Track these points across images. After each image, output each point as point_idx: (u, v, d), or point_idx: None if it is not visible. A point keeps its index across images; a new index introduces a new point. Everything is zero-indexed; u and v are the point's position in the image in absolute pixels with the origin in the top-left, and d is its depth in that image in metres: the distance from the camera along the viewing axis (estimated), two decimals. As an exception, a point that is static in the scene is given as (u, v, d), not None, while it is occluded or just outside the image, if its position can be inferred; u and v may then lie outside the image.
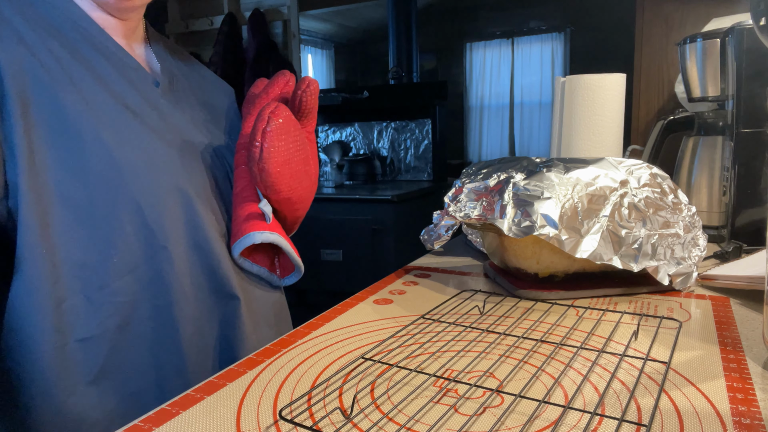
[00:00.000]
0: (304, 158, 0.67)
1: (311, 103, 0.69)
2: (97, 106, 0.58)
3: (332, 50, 3.06)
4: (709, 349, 0.53)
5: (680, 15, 1.51)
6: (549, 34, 2.56)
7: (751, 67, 0.87)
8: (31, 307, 0.54)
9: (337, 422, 0.41)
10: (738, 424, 0.40)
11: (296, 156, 0.65)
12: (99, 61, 0.61)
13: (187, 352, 0.61)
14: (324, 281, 2.26)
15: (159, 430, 0.40)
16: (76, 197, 0.55)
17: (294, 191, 0.67)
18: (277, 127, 0.62)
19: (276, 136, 0.62)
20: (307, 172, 0.69)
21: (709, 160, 1.03)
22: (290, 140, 0.64)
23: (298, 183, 0.67)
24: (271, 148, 0.62)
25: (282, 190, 0.65)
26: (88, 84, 0.58)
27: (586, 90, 0.95)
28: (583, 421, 0.40)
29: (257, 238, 0.63)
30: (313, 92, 0.68)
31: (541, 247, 0.68)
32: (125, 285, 0.57)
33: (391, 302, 0.69)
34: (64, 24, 0.60)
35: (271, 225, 0.65)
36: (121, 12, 0.64)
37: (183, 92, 0.72)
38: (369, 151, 2.86)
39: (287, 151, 0.64)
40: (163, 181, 0.60)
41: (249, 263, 0.68)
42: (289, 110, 0.64)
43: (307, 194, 0.72)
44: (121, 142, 0.58)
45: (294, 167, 0.65)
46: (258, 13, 2.76)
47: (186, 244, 0.61)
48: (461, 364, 0.50)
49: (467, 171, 0.77)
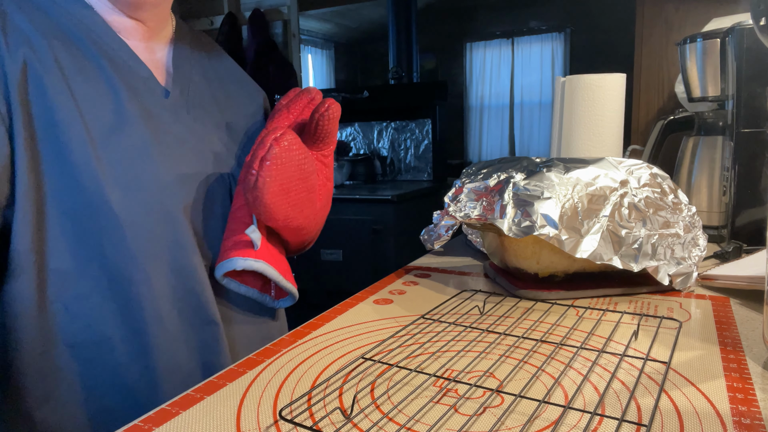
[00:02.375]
0: (308, 187, 0.64)
1: (328, 127, 0.66)
2: (92, 119, 0.56)
3: (332, 50, 3.06)
4: (709, 349, 0.53)
5: (680, 15, 1.51)
6: (549, 34, 2.56)
7: (751, 67, 0.87)
8: (18, 311, 0.54)
9: (337, 422, 0.41)
10: (738, 424, 0.40)
11: (298, 185, 0.62)
12: (104, 69, 0.59)
13: (161, 376, 0.59)
14: (324, 281, 2.26)
15: (159, 430, 0.40)
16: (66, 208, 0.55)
17: (293, 220, 0.64)
18: (276, 157, 0.58)
19: (274, 166, 0.58)
20: (311, 200, 0.66)
21: (709, 160, 1.03)
22: (292, 169, 0.60)
23: (298, 212, 0.64)
24: (267, 178, 0.58)
25: (278, 219, 0.62)
26: (87, 94, 0.57)
27: (586, 90, 0.95)
28: (583, 421, 0.40)
29: (239, 265, 0.60)
30: (331, 117, 0.65)
31: (541, 247, 0.68)
32: (102, 300, 0.56)
33: (391, 302, 0.69)
34: (75, 30, 0.59)
35: (258, 252, 0.62)
36: (135, 11, 0.63)
37: (198, 100, 0.68)
38: (369, 151, 2.86)
39: (287, 180, 0.60)
40: (146, 200, 0.58)
41: (236, 284, 0.64)
42: (296, 137, 0.61)
43: (309, 222, 0.69)
44: (109, 158, 0.56)
45: (294, 197, 0.62)
46: (258, 13, 2.76)
47: (168, 267, 0.59)
48: (461, 364, 0.50)
49: (467, 171, 0.77)
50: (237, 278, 0.64)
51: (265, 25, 2.77)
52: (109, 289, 0.56)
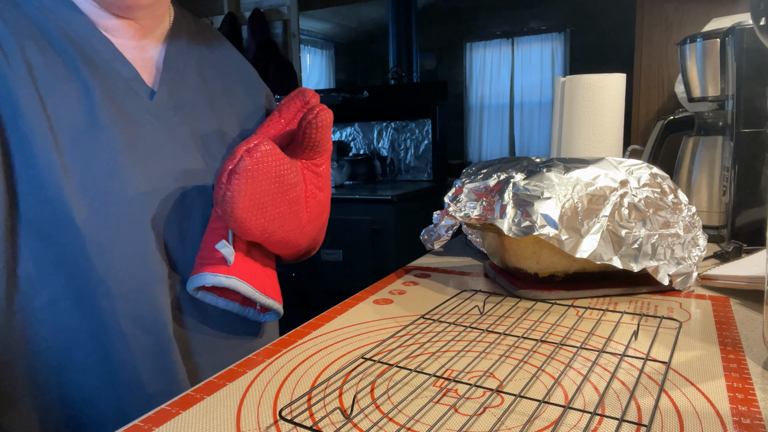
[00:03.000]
0: (290, 199, 0.60)
1: (317, 136, 0.61)
2: (60, 124, 0.53)
3: (332, 50, 3.06)
4: (709, 349, 0.53)
5: (680, 15, 1.51)
6: (549, 34, 2.56)
7: (751, 67, 0.87)
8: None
9: (337, 422, 0.41)
10: (738, 424, 0.40)
11: (277, 199, 0.58)
12: (79, 71, 0.56)
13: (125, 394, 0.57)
14: (324, 281, 2.26)
15: (159, 430, 0.40)
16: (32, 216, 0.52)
17: (272, 235, 0.60)
18: (246, 170, 0.54)
19: (243, 179, 0.54)
20: (294, 213, 0.61)
21: (709, 160, 1.03)
22: (268, 182, 0.56)
23: (278, 227, 0.60)
24: (236, 193, 0.54)
25: (254, 234, 0.59)
26: (58, 98, 0.54)
27: (586, 90, 0.95)
28: (583, 421, 0.40)
29: (208, 281, 0.57)
30: (320, 125, 0.60)
31: (541, 247, 0.68)
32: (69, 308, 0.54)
33: (391, 302, 0.69)
34: (54, 30, 0.56)
35: (231, 267, 0.58)
36: (125, 12, 0.60)
37: (189, 101, 0.65)
38: (369, 151, 2.86)
39: (262, 194, 0.56)
40: (113, 213, 0.55)
41: (213, 297, 0.61)
42: (274, 147, 0.57)
43: (295, 236, 0.64)
44: (76, 167, 0.53)
45: (272, 211, 0.58)
46: (258, 13, 2.76)
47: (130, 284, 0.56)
48: (461, 364, 0.50)
49: (467, 171, 0.77)
50: (216, 292, 0.61)
51: (265, 25, 2.77)
52: (76, 298, 0.54)
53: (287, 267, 2.23)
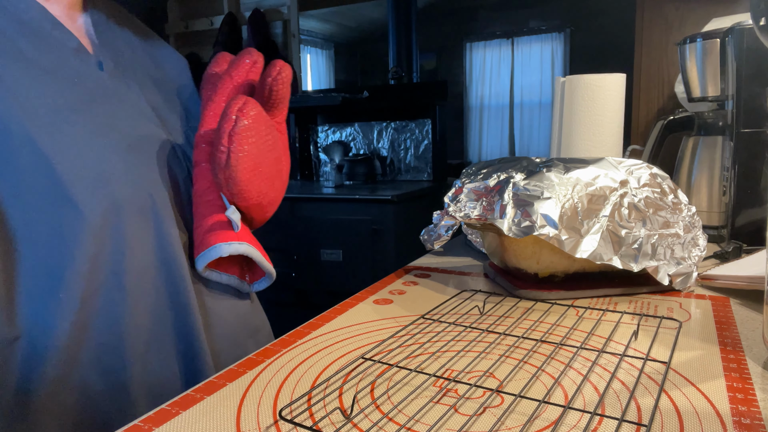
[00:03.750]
0: (275, 158, 0.60)
1: (283, 92, 0.60)
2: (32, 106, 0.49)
3: (332, 50, 3.05)
4: (709, 349, 0.53)
5: (680, 15, 1.51)
6: (549, 34, 2.56)
7: (751, 67, 0.87)
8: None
9: (337, 422, 0.41)
10: (738, 424, 0.40)
11: (267, 157, 0.58)
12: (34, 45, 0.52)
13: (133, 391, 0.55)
14: (324, 281, 2.26)
15: (159, 430, 0.40)
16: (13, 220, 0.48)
17: (265, 195, 0.60)
18: (246, 129, 0.53)
19: (245, 138, 0.54)
20: (279, 171, 0.62)
21: (709, 160, 1.03)
22: (261, 141, 0.56)
23: (270, 186, 0.60)
24: (240, 153, 0.54)
25: (252, 197, 0.58)
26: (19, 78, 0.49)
27: (586, 90, 0.95)
28: (583, 421, 0.40)
29: (224, 251, 0.56)
30: (284, 80, 0.59)
31: (541, 247, 0.68)
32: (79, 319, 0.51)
33: (391, 302, 0.69)
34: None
35: (239, 234, 0.58)
36: None
37: (131, 71, 0.61)
38: (369, 151, 2.86)
39: (258, 154, 0.56)
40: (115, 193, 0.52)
41: (217, 274, 0.60)
42: (258, 104, 0.56)
43: (279, 195, 0.64)
44: (63, 150, 0.49)
45: (265, 170, 0.58)
46: (258, 13, 2.76)
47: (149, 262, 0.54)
48: (461, 364, 0.50)
49: (467, 171, 0.77)
50: (216, 267, 0.60)
51: (265, 25, 2.77)
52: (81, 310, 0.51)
53: (287, 267, 2.23)
